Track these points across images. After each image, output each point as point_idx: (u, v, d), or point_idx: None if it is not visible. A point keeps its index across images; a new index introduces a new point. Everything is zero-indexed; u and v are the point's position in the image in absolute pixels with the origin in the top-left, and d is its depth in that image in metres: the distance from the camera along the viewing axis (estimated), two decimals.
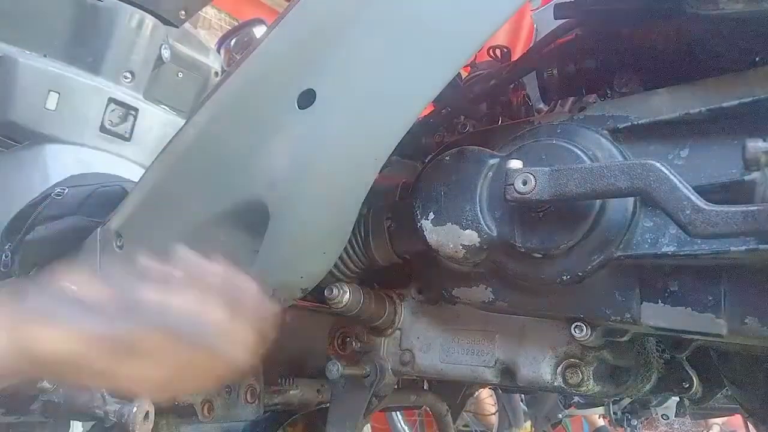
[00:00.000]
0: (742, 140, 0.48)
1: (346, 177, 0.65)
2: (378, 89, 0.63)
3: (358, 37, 0.63)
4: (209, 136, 0.73)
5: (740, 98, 0.57)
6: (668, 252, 0.57)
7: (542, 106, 0.92)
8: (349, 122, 0.64)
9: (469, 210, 0.66)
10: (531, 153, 0.65)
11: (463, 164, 0.69)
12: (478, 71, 0.92)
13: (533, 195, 0.58)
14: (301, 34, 0.66)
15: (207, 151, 0.74)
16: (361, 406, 0.86)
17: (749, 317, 0.54)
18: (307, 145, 0.66)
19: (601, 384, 0.71)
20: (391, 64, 0.62)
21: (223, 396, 0.87)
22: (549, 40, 0.79)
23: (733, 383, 0.84)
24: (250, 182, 0.69)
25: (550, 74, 0.76)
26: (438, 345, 0.80)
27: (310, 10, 0.66)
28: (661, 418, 1.62)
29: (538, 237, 0.62)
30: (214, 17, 4.25)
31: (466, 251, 0.66)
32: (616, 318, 0.61)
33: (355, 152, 0.64)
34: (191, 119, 0.76)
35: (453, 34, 0.60)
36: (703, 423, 2.84)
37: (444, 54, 0.60)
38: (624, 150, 0.63)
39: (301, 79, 0.65)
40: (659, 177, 0.52)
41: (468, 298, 0.72)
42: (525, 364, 0.72)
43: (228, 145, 0.71)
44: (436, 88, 0.61)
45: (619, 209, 0.60)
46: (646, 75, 0.68)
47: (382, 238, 0.79)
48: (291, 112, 0.65)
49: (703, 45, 0.64)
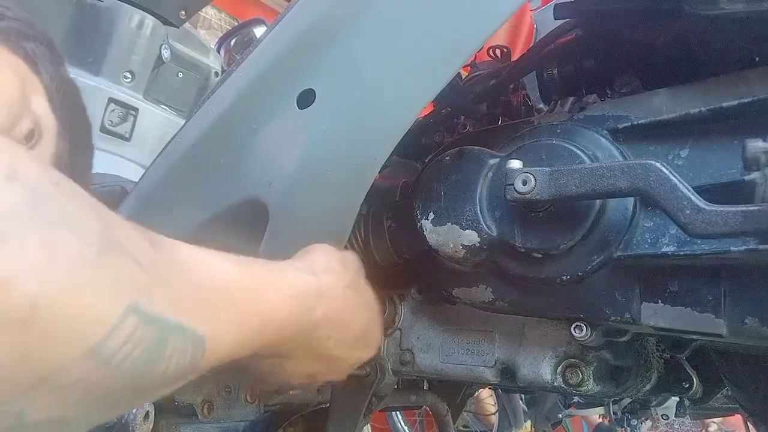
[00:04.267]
0: (742, 140, 0.48)
1: (345, 177, 0.65)
2: (378, 89, 0.63)
3: (358, 36, 0.63)
4: (209, 135, 0.73)
5: (740, 98, 0.57)
6: (668, 252, 0.57)
7: (542, 106, 0.92)
8: (349, 122, 0.64)
9: (469, 210, 0.66)
10: (531, 153, 0.65)
11: (463, 164, 0.69)
12: (478, 71, 0.92)
13: (533, 195, 0.58)
14: (301, 34, 0.66)
15: (207, 151, 0.74)
16: (361, 406, 0.86)
17: (749, 317, 0.54)
18: (306, 145, 0.66)
19: (601, 384, 0.71)
20: (390, 63, 0.62)
21: (223, 396, 0.86)
22: (549, 40, 0.79)
23: (733, 383, 0.84)
24: (249, 182, 0.69)
25: (550, 74, 0.76)
26: (438, 345, 0.80)
27: (310, 10, 0.66)
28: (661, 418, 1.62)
29: (538, 237, 0.62)
30: (214, 17, 4.26)
31: (466, 251, 0.66)
32: (616, 318, 0.61)
33: (355, 152, 0.64)
34: (191, 119, 0.76)
35: (453, 33, 0.60)
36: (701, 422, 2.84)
37: (444, 54, 0.60)
38: (624, 150, 0.63)
39: (301, 78, 0.65)
40: (659, 177, 0.52)
41: (468, 298, 0.72)
42: (525, 364, 0.72)
43: (228, 145, 0.71)
44: (436, 88, 0.61)
45: (619, 209, 0.60)
46: (646, 75, 0.69)
47: (382, 238, 0.79)
48: (291, 112, 0.65)
49: (703, 45, 0.63)
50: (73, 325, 0.30)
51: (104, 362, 0.31)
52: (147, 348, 0.34)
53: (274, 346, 0.52)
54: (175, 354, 0.36)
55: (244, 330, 0.45)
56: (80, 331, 0.30)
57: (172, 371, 0.37)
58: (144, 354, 0.34)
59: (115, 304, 0.32)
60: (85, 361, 0.30)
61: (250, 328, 0.46)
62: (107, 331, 0.31)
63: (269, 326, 0.49)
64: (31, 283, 0.28)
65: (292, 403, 1.03)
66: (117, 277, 0.33)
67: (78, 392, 0.31)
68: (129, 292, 0.33)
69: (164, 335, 0.35)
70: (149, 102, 1.82)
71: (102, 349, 0.31)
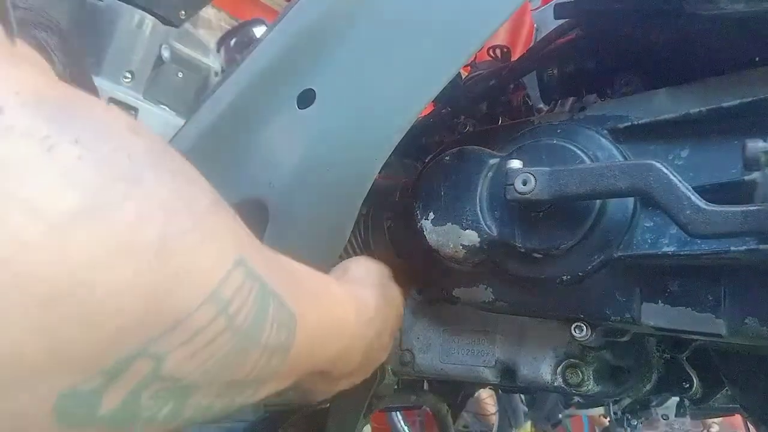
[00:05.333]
0: (742, 140, 0.48)
1: (345, 177, 0.65)
2: (378, 89, 0.63)
3: (358, 36, 0.63)
4: (209, 135, 0.73)
5: (740, 98, 0.57)
6: (668, 252, 0.57)
7: (542, 106, 0.92)
8: (349, 122, 0.64)
9: (469, 210, 0.66)
10: (531, 153, 0.65)
11: (463, 164, 0.69)
12: (478, 71, 0.92)
13: (533, 195, 0.58)
14: (301, 34, 0.66)
15: (207, 151, 0.74)
16: (361, 406, 0.86)
17: (749, 317, 0.54)
18: (306, 145, 0.66)
19: (601, 384, 0.71)
20: (391, 63, 0.62)
21: None
22: (549, 40, 0.79)
23: (733, 383, 0.84)
24: (249, 182, 0.69)
25: (550, 74, 0.76)
26: (438, 345, 0.80)
27: (310, 10, 0.66)
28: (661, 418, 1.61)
29: (538, 237, 0.62)
30: (214, 17, 4.25)
31: (466, 251, 0.66)
32: (616, 318, 0.61)
33: (356, 152, 0.64)
34: (191, 119, 0.76)
35: (453, 33, 0.60)
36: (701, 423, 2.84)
37: (444, 53, 0.60)
38: (624, 150, 0.63)
39: (301, 78, 0.65)
40: (659, 177, 0.52)
41: (468, 298, 0.72)
42: (525, 364, 0.72)
43: (228, 145, 0.71)
44: (437, 87, 0.61)
45: (619, 209, 0.60)
46: (646, 75, 0.68)
47: (382, 238, 0.79)
48: (291, 112, 0.65)
49: (703, 45, 0.63)
50: (195, 268, 0.31)
51: (222, 310, 0.32)
52: (254, 305, 0.35)
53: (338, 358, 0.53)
54: (275, 323, 0.38)
55: (323, 322, 0.47)
56: (201, 275, 0.31)
57: (272, 345, 0.38)
58: (252, 311, 0.35)
59: (226, 254, 0.33)
60: (208, 307, 0.31)
61: (326, 325, 0.49)
62: (221, 278, 0.32)
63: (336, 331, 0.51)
64: (162, 222, 0.29)
65: (292, 403, 1.03)
66: (227, 228, 0.34)
67: (203, 347, 0.32)
68: (236, 246, 0.34)
69: (266, 297, 0.37)
70: (149, 102, 1.82)
71: (219, 295, 0.32)
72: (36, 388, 0.26)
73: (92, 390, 0.28)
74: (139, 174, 0.29)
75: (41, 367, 0.26)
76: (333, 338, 0.50)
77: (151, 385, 0.31)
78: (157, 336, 0.29)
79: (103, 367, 0.28)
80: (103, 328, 0.27)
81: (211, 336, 0.32)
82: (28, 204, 0.25)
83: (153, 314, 0.29)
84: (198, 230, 0.31)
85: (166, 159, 0.32)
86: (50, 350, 0.26)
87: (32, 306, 0.25)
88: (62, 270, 0.25)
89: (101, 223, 0.26)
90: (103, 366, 0.28)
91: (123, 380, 0.29)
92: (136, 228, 0.28)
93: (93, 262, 0.26)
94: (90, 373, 0.28)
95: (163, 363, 0.30)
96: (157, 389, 0.31)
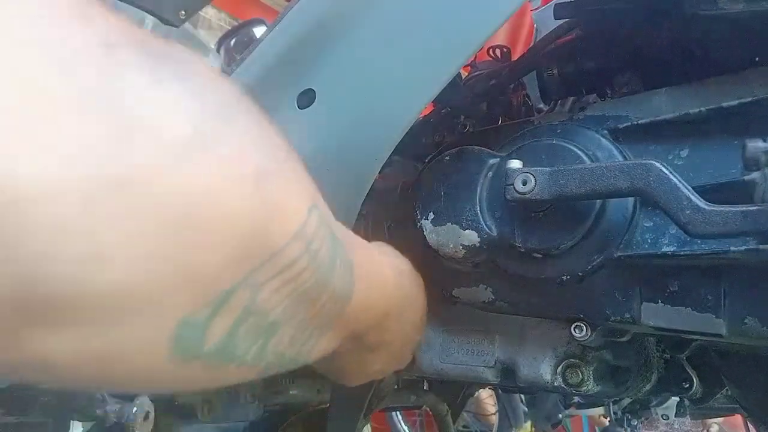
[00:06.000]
0: (742, 140, 0.48)
1: (346, 177, 0.65)
2: (378, 89, 0.63)
3: (358, 36, 0.63)
4: None
5: (740, 98, 0.57)
6: (668, 252, 0.57)
7: (542, 106, 0.92)
8: (349, 122, 0.64)
9: (469, 210, 0.66)
10: (531, 153, 0.65)
11: (463, 164, 0.69)
12: (478, 71, 0.92)
13: (533, 195, 0.58)
14: (301, 34, 0.66)
15: None
16: (361, 406, 0.86)
17: (749, 317, 0.54)
18: (306, 145, 0.66)
19: (601, 384, 0.71)
20: (390, 63, 0.62)
21: (223, 396, 0.86)
22: (549, 40, 0.79)
23: (733, 383, 0.84)
24: None
25: (550, 74, 0.76)
26: (438, 345, 0.80)
27: (310, 10, 0.66)
28: (661, 418, 1.61)
29: (538, 237, 0.62)
30: (214, 17, 4.25)
31: (466, 251, 0.66)
32: (616, 318, 0.61)
33: (356, 152, 0.64)
34: None
35: (453, 33, 0.60)
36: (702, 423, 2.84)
37: (444, 53, 0.60)
38: (624, 150, 0.63)
39: (301, 78, 0.65)
40: (659, 177, 0.52)
41: (468, 298, 0.72)
42: (525, 364, 0.72)
43: None
44: (437, 87, 0.61)
45: (619, 209, 0.60)
46: (646, 75, 0.68)
47: (382, 238, 0.78)
48: (291, 112, 0.65)
49: (703, 45, 0.63)
50: (286, 205, 0.33)
51: (306, 246, 0.34)
52: (328, 248, 0.37)
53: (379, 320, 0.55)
54: (340, 271, 0.40)
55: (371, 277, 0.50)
56: (290, 213, 0.33)
57: (339, 289, 0.40)
58: (327, 253, 0.37)
59: (305, 197, 0.36)
60: (296, 244, 0.33)
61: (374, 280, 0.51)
62: (303, 219, 0.34)
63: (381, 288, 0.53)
64: (258, 158, 0.31)
65: (292, 403, 1.03)
66: (303, 175, 0.37)
67: (288, 282, 0.34)
68: (310, 194, 0.37)
69: (335, 243, 0.39)
70: None
71: (304, 234, 0.34)
72: (158, 315, 0.27)
73: (203, 320, 0.29)
74: (233, 113, 0.31)
75: (164, 293, 0.27)
76: (378, 295, 0.52)
77: (248, 318, 0.32)
78: (258, 266, 0.31)
79: (216, 295, 0.29)
80: (219, 254, 0.28)
81: (297, 271, 0.34)
82: (150, 128, 0.26)
83: (256, 245, 0.30)
84: (283, 172, 0.33)
85: (248, 103, 0.34)
86: (174, 275, 0.27)
87: (160, 230, 0.25)
88: (186, 194, 0.26)
89: (211, 152, 0.28)
90: (217, 293, 0.29)
91: (226, 311, 0.30)
92: (237, 160, 0.29)
93: (209, 189, 0.27)
94: (205, 300, 0.29)
95: (258, 295, 0.32)
96: (250, 325, 0.32)
